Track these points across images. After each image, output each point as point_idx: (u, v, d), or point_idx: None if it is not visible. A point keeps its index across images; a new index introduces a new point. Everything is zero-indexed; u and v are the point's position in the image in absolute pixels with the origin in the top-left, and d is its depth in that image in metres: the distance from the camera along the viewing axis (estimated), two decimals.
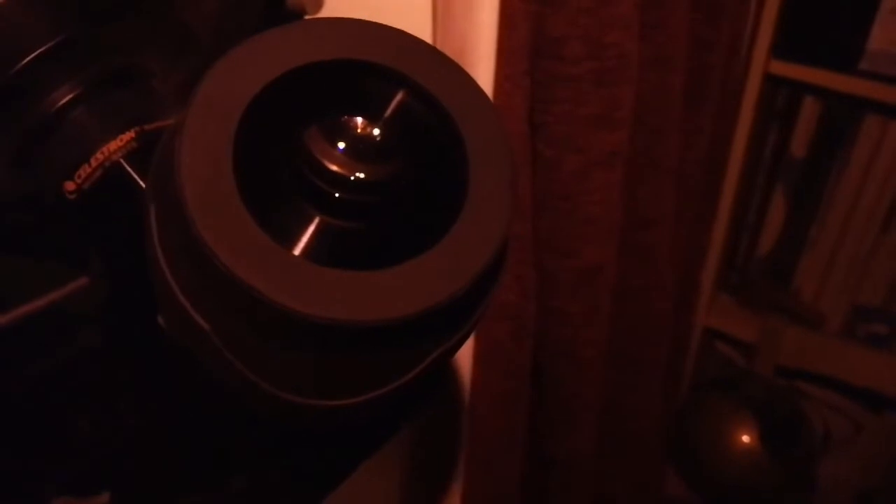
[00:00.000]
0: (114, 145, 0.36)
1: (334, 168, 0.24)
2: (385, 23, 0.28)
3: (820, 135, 1.20)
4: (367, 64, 0.26)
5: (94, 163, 0.36)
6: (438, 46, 0.54)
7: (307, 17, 0.54)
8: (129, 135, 0.36)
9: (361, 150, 0.25)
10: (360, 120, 0.25)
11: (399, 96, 0.26)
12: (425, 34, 0.55)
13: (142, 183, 0.36)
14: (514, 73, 0.55)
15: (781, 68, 1.14)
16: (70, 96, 0.36)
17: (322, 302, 0.23)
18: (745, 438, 1.25)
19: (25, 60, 0.34)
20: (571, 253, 0.65)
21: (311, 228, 0.24)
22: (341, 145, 0.24)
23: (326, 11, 0.53)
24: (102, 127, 0.36)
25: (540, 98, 0.58)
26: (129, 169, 0.36)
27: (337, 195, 0.24)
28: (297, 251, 0.24)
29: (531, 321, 0.70)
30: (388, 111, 0.26)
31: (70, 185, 0.36)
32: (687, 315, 1.18)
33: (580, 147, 0.59)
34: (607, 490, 0.97)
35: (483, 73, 0.53)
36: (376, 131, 0.25)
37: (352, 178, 0.24)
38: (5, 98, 0.35)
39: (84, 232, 0.38)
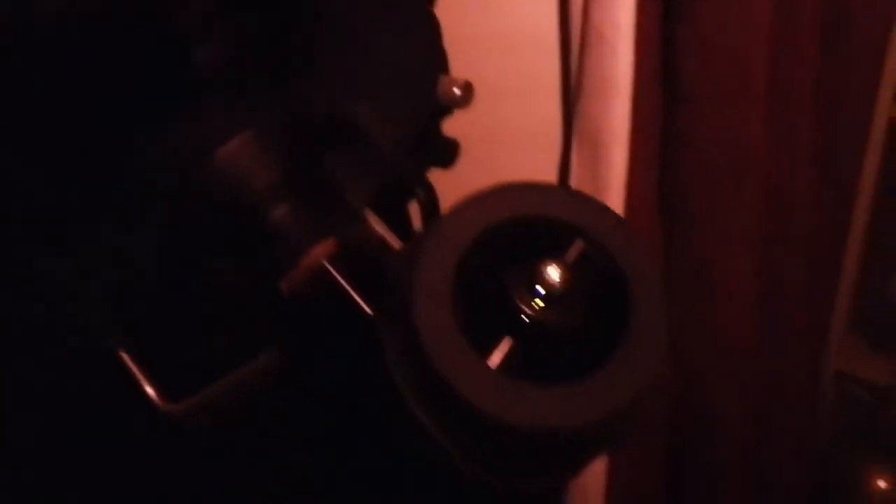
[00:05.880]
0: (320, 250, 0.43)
1: (530, 315, 0.31)
2: None
3: None
4: (552, 217, 0.32)
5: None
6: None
7: (459, 109, 0.61)
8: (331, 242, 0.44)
9: (552, 298, 0.31)
10: (551, 270, 0.31)
11: (578, 245, 0.32)
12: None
13: (342, 281, 0.43)
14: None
15: None
16: (284, 211, 0.44)
17: (515, 410, 0.29)
18: (882, 484, 1.23)
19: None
20: (706, 327, 0.69)
21: (505, 349, 0.31)
22: (537, 294, 0.31)
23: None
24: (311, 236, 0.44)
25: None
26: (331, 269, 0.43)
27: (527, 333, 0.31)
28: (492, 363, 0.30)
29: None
30: (570, 257, 0.32)
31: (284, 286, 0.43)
32: (817, 359, 1.18)
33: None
34: None
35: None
36: (561, 277, 0.31)
37: (542, 322, 0.31)
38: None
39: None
